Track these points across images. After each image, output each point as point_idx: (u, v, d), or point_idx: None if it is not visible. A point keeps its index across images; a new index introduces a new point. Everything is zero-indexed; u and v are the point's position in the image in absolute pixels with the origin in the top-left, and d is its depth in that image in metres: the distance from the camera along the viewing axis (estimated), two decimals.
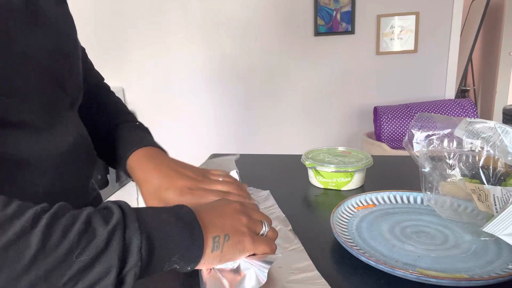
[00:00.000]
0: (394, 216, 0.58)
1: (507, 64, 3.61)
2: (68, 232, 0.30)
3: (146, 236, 0.33)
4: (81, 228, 0.30)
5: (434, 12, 2.36)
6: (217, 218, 0.41)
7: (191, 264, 0.37)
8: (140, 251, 0.32)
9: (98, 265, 0.30)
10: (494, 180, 0.56)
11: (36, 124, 0.45)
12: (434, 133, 0.59)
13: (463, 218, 0.55)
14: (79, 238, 0.30)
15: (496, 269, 0.43)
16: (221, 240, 0.38)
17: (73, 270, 0.29)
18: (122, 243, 0.31)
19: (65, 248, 0.29)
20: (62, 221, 0.30)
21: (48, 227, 0.29)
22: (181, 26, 2.59)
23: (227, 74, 2.64)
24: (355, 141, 2.61)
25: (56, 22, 0.49)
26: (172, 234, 0.35)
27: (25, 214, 0.29)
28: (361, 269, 0.45)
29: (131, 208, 0.35)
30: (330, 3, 2.40)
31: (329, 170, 0.71)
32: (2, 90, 0.40)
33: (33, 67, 0.44)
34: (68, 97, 0.52)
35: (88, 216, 0.32)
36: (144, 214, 0.35)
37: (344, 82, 2.55)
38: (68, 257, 0.29)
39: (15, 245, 0.27)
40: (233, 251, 0.39)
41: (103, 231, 0.31)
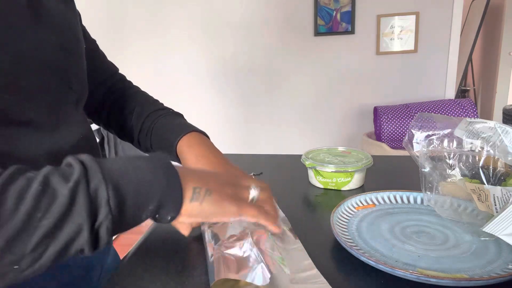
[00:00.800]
0: (394, 216, 0.58)
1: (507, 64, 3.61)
2: (23, 196, 0.28)
3: (113, 186, 0.31)
4: (39, 190, 0.28)
5: (434, 12, 2.36)
6: (201, 174, 0.39)
7: (171, 213, 0.35)
8: (109, 203, 0.30)
9: (66, 227, 0.29)
10: (494, 180, 0.56)
11: (41, 122, 0.45)
12: (434, 133, 0.58)
13: (463, 218, 0.55)
14: (38, 201, 0.28)
15: (496, 269, 0.43)
16: (202, 192, 0.36)
17: (38, 235, 0.28)
18: (88, 198, 0.29)
19: (23, 214, 0.27)
20: (16, 186, 0.28)
21: (2, 193, 0.27)
22: (181, 27, 2.59)
23: (227, 74, 2.64)
24: (355, 141, 2.61)
25: (59, 19, 0.49)
26: (145, 180, 0.33)
27: None
28: (361, 269, 0.45)
29: (94, 160, 0.32)
30: (330, 3, 2.40)
31: (329, 170, 0.71)
32: (8, 88, 0.40)
33: (39, 65, 0.44)
34: (74, 95, 0.52)
35: (45, 176, 0.30)
36: (110, 163, 0.33)
37: (344, 82, 2.55)
38: (29, 222, 0.27)
39: None
40: (214, 208, 0.37)
41: (64, 189, 0.29)
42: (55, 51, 0.47)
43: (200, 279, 0.44)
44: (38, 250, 0.28)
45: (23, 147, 0.43)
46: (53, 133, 0.47)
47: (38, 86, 0.44)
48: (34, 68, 0.43)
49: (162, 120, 0.62)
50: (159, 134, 0.61)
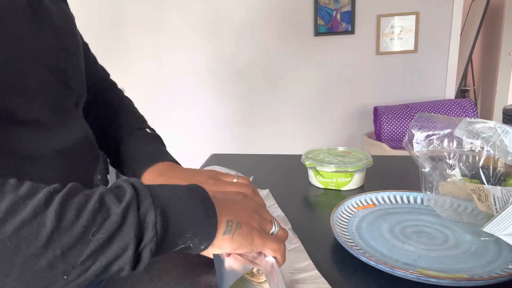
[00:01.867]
0: (394, 216, 0.58)
1: (507, 64, 3.61)
2: (82, 210, 0.30)
3: (161, 211, 0.33)
4: (95, 207, 0.30)
5: (434, 12, 2.36)
6: (232, 206, 0.40)
7: (204, 242, 0.36)
8: (155, 226, 0.32)
9: (115, 243, 0.30)
10: (494, 180, 0.56)
11: (43, 122, 0.46)
12: (434, 133, 0.58)
13: (463, 218, 0.55)
14: (94, 216, 0.30)
15: (496, 269, 0.43)
16: (233, 226, 0.38)
17: (90, 248, 0.29)
18: (137, 219, 0.31)
19: (81, 226, 0.29)
20: (75, 200, 0.30)
21: (62, 206, 0.29)
22: (181, 26, 2.59)
23: (227, 74, 2.64)
24: (355, 141, 2.61)
25: (58, 21, 0.50)
26: (186, 210, 0.35)
27: (38, 194, 0.29)
28: (361, 269, 0.45)
29: (143, 185, 0.35)
30: (330, 3, 2.40)
31: (329, 170, 0.71)
32: (14, 90, 0.41)
33: (40, 66, 0.45)
34: (74, 95, 0.53)
35: (101, 194, 0.32)
36: (158, 190, 0.35)
37: (344, 82, 2.55)
38: (84, 235, 0.29)
39: (30, 224, 0.27)
40: (243, 241, 0.38)
41: (117, 209, 0.31)
42: (55, 52, 0.48)
43: (200, 279, 0.44)
44: (87, 263, 0.29)
45: (28, 146, 0.44)
46: (56, 132, 0.48)
47: (40, 87, 0.45)
48: (36, 69, 0.44)
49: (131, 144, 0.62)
50: (126, 160, 0.61)
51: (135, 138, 0.62)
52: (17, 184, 0.30)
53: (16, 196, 0.28)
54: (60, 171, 0.50)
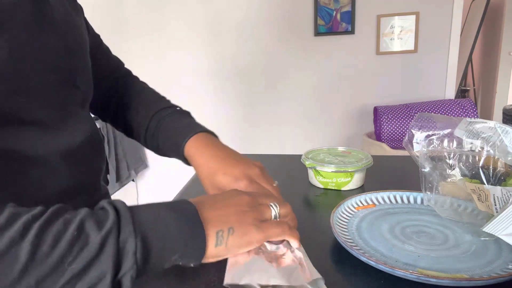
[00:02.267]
0: (394, 216, 0.58)
1: (507, 64, 3.61)
2: (59, 240, 0.29)
3: (141, 238, 0.32)
4: (74, 235, 0.30)
5: (434, 12, 2.36)
6: (221, 210, 0.40)
7: (193, 261, 0.36)
8: (135, 254, 0.32)
9: (92, 271, 0.30)
10: (494, 180, 0.56)
11: (49, 122, 0.46)
12: (434, 133, 0.58)
13: (463, 218, 0.55)
14: (71, 246, 0.29)
15: (496, 269, 0.43)
16: (225, 234, 0.37)
17: (66, 277, 0.29)
18: (116, 247, 0.31)
19: (56, 257, 0.29)
20: (53, 229, 0.30)
21: (38, 237, 0.29)
22: (181, 27, 2.59)
23: (227, 74, 2.64)
24: (355, 141, 2.61)
25: (63, 20, 0.50)
26: (171, 233, 0.34)
27: (15, 224, 0.29)
28: (361, 269, 0.45)
29: (127, 208, 0.34)
30: (330, 3, 2.40)
31: (329, 170, 0.71)
32: (17, 89, 0.41)
33: (45, 66, 0.45)
34: (80, 94, 0.53)
35: (81, 220, 0.31)
36: (141, 213, 0.35)
37: (344, 82, 2.55)
38: (60, 265, 0.29)
39: (3, 258, 0.27)
40: (239, 243, 0.38)
41: (96, 237, 0.30)
42: (59, 52, 0.47)
43: (200, 279, 0.44)
44: None
45: (33, 146, 0.44)
46: (61, 132, 0.48)
47: (44, 87, 0.45)
48: (40, 69, 0.44)
49: (168, 120, 0.61)
50: (166, 135, 0.60)
51: (168, 115, 0.62)
52: None
53: None
54: (66, 173, 0.50)
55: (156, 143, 0.62)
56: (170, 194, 2.56)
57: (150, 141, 0.63)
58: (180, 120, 0.61)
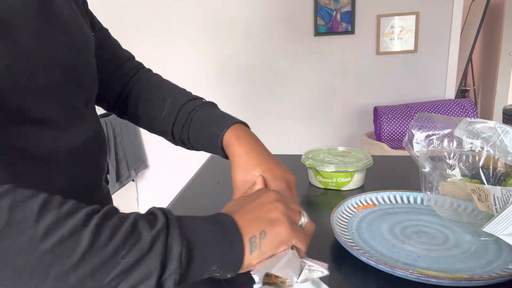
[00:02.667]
0: (394, 216, 0.58)
1: (507, 64, 3.61)
2: (116, 233, 0.31)
3: (187, 243, 0.33)
4: (128, 230, 0.31)
5: (434, 12, 2.36)
6: (252, 213, 0.39)
7: (231, 272, 0.37)
8: (180, 258, 0.32)
9: (141, 267, 0.31)
10: (494, 180, 0.56)
11: (55, 120, 0.47)
12: (434, 133, 0.58)
13: (463, 218, 0.55)
14: (126, 240, 0.31)
15: (496, 269, 0.43)
16: (257, 240, 0.37)
17: (118, 270, 0.30)
18: (165, 248, 0.32)
19: (112, 248, 0.30)
20: (111, 222, 0.31)
21: (98, 227, 0.30)
22: (181, 26, 2.59)
23: (227, 74, 2.64)
24: (355, 141, 2.61)
25: (68, 19, 0.50)
26: (212, 243, 0.35)
27: (79, 213, 0.31)
28: (361, 269, 0.45)
29: (174, 215, 0.35)
30: (330, 3, 2.40)
31: (329, 170, 0.71)
32: (25, 87, 0.42)
33: (50, 65, 0.45)
34: (84, 93, 0.53)
35: (135, 219, 0.33)
36: (186, 221, 0.36)
37: (344, 82, 2.55)
38: (114, 257, 0.30)
39: (67, 242, 0.29)
40: (271, 245, 0.38)
41: (148, 234, 0.32)
42: (65, 51, 0.48)
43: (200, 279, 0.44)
44: (112, 283, 0.30)
45: (40, 144, 0.45)
46: (67, 130, 0.49)
47: (50, 86, 0.46)
48: (47, 68, 0.45)
49: (199, 112, 0.60)
50: (198, 127, 0.59)
51: (198, 107, 0.60)
52: (62, 201, 0.31)
53: (59, 213, 0.30)
54: (71, 171, 0.50)
55: (186, 137, 0.61)
56: (170, 194, 2.56)
57: (179, 134, 0.61)
58: (211, 111, 0.60)
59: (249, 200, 0.42)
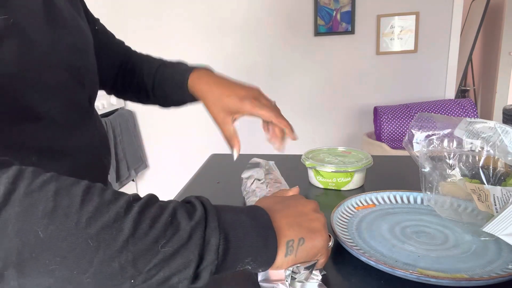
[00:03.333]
0: (394, 216, 0.58)
1: (507, 64, 3.61)
2: (156, 222, 0.31)
3: (224, 236, 0.34)
4: (168, 220, 0.32)
5: (434, 12, 2.36)
6: (293, 218, 0.40)
7: (262, 267, 0.37)
8: (218, 250, 0.33)
9: (180, 257, 0.31)
10: (494, 180, 0.56)
11: (59, 118, 0.48)
12: (434, 133, 0.58)
13: (463, 218, 0.55)
14: (166, 229, 0.31)
15: (496, 269, 0.43)
16: (295, 245, 0.38)
17: (157, 259, 0.30)
18: (203, 239, 0.32)
19: (152, 237, 0.30)
20: (151, 211, 0.32)
21: (140, 215, 0.31)
22: (181, 26, 2.59)
23: (227, 74, 2.63)
24: (355, 141, 2.61)
25: (71, 20, 0.52)
26: (248, 237, 0.36)
27: (120, 201, 0.31)
28: (361, 269, 0.45)
29: (212, 205, 0.36)
30: (330, 3, 2.40)
31: (329, 170, 0.71)
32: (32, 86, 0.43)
33: (56, 65, 0.47)
34: (87, 92, 0.55)
35: (174, 209, 0.33)
36: (224, 213, 0.36)
37: (344, 82, 2.55)
38: (154, 246, 0.30)
39: (110, 228, 0.29)
40: (307, 254, 0.39)
41: (187, 225, 0.32)
42: (70, 51, 0.49)
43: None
44: (152, 271, 0.31)
45: (48, 142, 0.46)
46: (71, 128, 0.50)
47: (56, 85, 0.47)
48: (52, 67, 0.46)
49: (166, 68, 0.68)
50: (166, 80, 0.66)
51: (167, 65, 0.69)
52: (103, 188, 0.32)
53: (102, 200, 0.30)
54: (78, 167, 0.51)
55: (163, 92, 0.67)
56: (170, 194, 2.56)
57: (158, 92, 0.68)
58: (178, 65, 0.68)
59: (289, 204, 0.42)
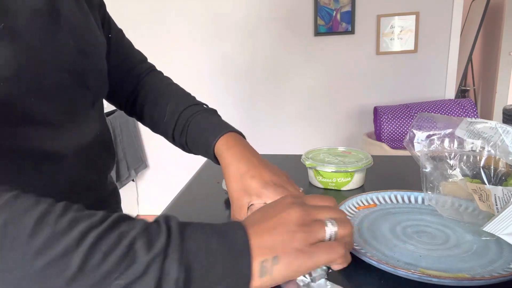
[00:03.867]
0: (396, 216, 0.58)
1: (507, 64, 3.61)
2: (110, 254, 0.30)
3: (185, 268, 0.31)
4: (123, 252, 0.30)
5: (434, 12, 2.36)
6: (268, 233, 0.36)
7: None
8: (177, 283, 0.31)
9: None
10: (495, 180, 0.56)
11: (59, 121, 0.48)
12: (435, 133, 0.58)
13: (464, 218, 0.55)
14: (120, 262, 0.30)
15: (498, 268, 0.43)
16: (268, 265, 0.34)
17: None
18: (160, 272, 0.30)
19: (104, 271, 0.29)
20: (107, 242, 0.30)
21: (92, 248, 0.29)
22: (182, 26, 2.59)
23: (227, 74, 2.64)
24: (355, 141, 2.61)
25: (77, 23, 0.51)
26: (217, 265, 0.33)
27: (74, 231, 0.29)
28: (362, 269, 0.45)
29: (178, 230, 0.33)
30: (330, 3, 2.40)
31: (329, 170, 0.71)
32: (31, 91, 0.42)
33: (57, 68, 0.46)
34: (91, 95, 0.54)
35: (134, 238, 0.31)
36: (191, 239, 0.33)
37: (344, 82, 2.55)
38: (106, 279, 0.29)
39: (58, 262, 0.28)
40: (286, 273, 0.34)
41: (144, 258, 0.30)
42: (73, 54, 0.49)
43: None
44: None
45: (45, 144, 0.46)
46: (71, 130, 0.50)
47: (57, 88, 0.46)
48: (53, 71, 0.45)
49: (197, 118, 0.61)
50: (195, 133, 0.60)
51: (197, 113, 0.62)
52: (61, 214, 0.30)
53: (54, 231, 0.29)
54: (76, 169, 0.51)
55: (184, 141, 0.62)
56: (170, 194, 2.56)
57: (178, 138, 0.63)
58: (209, 118, 0.61)
59: (270, 214, 0.38)
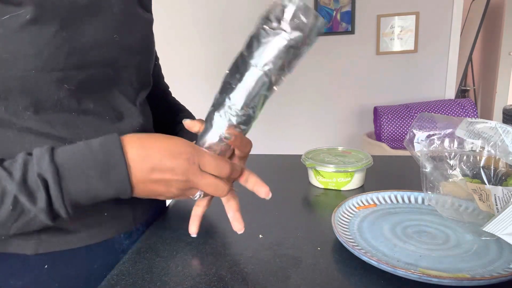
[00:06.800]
0: (396, 216, 0.58)
1: (507, 64, 3.62)
2: None
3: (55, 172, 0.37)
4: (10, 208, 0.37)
5: (434, 12, 2.36)
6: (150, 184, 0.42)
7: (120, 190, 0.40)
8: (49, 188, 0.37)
9: None
10: (495, 180, 0.56)
11: (100, 112, 0.49)
12: (435, 133, 0.58)
13: (464, 218, 0.54)
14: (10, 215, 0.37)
15: (498, 268, 0.43)
16: None
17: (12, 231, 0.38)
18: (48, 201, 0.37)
19: None
20: None
21: None
22: (183, 26, 2.59)
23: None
24: (355, 141, 2.61)
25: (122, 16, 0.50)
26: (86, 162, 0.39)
27: None
28: (362, 269, 0.45)
29: None
30: (330, 3, 2.40)
31: (329, 170, 0.71)
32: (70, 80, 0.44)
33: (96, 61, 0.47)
34: (133, 90, 0.55)
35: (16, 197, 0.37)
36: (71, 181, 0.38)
37: (344, 82, 2.55)
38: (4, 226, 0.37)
39: None
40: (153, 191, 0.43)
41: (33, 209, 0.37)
42: (115, 49, 0.49)
43: (200, 279, 0.44)
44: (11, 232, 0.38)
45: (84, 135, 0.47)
46: (113, 123, 0.51)
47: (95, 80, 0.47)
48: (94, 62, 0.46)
49: None
50: None
51: None
52: None
53: None
54: None
55: None
56: None
57: None
58: None
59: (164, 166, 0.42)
